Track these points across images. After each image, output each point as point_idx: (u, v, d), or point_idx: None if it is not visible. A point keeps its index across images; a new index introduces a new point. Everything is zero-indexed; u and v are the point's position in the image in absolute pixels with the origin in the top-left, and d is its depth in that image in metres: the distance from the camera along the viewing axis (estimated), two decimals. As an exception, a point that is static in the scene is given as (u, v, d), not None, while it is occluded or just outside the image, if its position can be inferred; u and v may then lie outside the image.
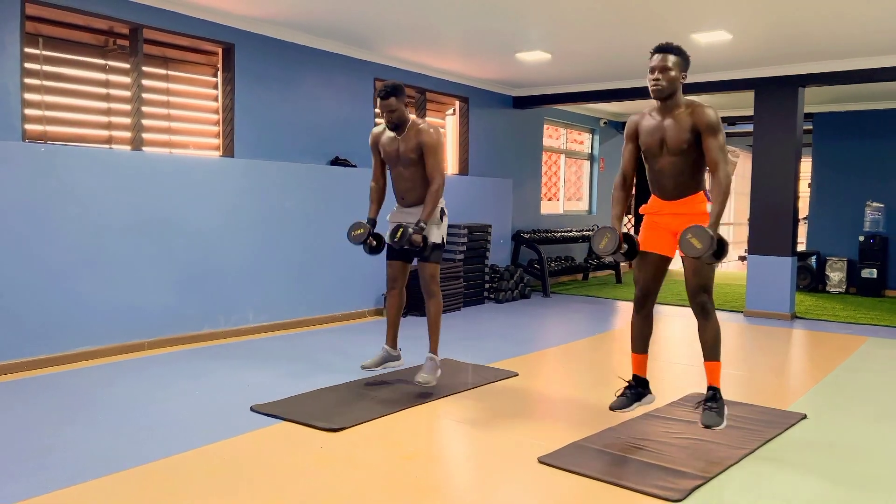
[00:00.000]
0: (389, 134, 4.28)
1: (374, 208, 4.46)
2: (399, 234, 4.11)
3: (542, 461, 3.16)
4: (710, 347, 3.32)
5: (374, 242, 4.35)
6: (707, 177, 3.30)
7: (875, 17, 5.47)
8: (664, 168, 3.30)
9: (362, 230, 4.29)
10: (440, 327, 4.36)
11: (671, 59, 3.21)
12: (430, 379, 4.20)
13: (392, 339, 4.49)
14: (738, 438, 3.46)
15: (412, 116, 4.26)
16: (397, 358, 4.53)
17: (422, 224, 4.14)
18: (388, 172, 4.44)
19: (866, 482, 3.04)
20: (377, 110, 7.11)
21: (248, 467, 3.07)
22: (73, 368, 4.69)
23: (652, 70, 3.22)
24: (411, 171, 4.24)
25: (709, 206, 3.26)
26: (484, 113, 8.79)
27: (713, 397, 3.30)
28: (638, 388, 3.57)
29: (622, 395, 3.54)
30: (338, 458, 3.19)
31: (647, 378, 3.61)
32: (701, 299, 3.27)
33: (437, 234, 4.29)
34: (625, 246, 3.32)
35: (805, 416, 3.94)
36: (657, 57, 3.23)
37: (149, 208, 5.24)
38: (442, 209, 4.31)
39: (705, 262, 3.10)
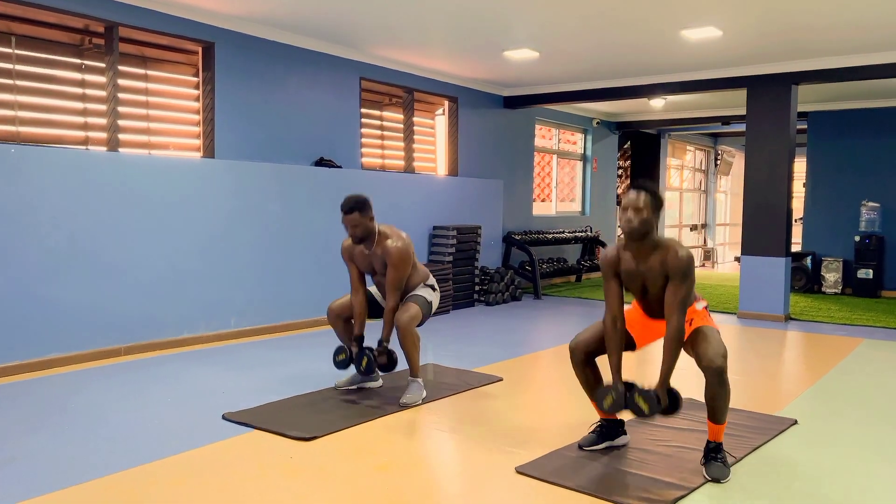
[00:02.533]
0: (360, 246, 4.15)
1: (359, 325, 4.17)
2: (364, 363, 4.06)
3: (519, 471, 3.04)
4: (719, 411, 3.07)
5: (366, 361, 4.10)
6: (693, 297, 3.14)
7: (869, 13, 5.36)
8: (650, 302, 3.22)
9: (343, 355, 4.16)
10: (419, 352, 4.15)
11: (643, 199, 3.05)
12: (416, 399, 4.07)
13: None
14: (726, 445, 3.33)
15: (379, 227, 4.10)
16: (375, 379, 4.39)
17: (384, 345, 4.04)
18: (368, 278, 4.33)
19: (854, 493, 2.91)
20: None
21: (215, 478, 2.95)
22: (44, 375, 4.56)
23: (625, 209, 3.09)
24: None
25: (698, 305, 3.17)
26: (474, 113, 8.68)
27: (717, 448, 3.09)
28: (610, 428, 3.37)
29: (593, 432, 3.35)
30: (307, 469, 3.07)
31: (622, 419, 3.40)
32: (719, 364, 2.96)
33: (429, 293, 4.21)
34: (630, 399, 3.10)
35: (796, 422, 3.82)
36: (631, 195, 3.09)
37: (126, 211, 5.12)
38: (433, 285, 4.28)
39: (655, 418, 3.05)
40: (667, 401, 3.02)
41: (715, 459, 3.05)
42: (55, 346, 4.77)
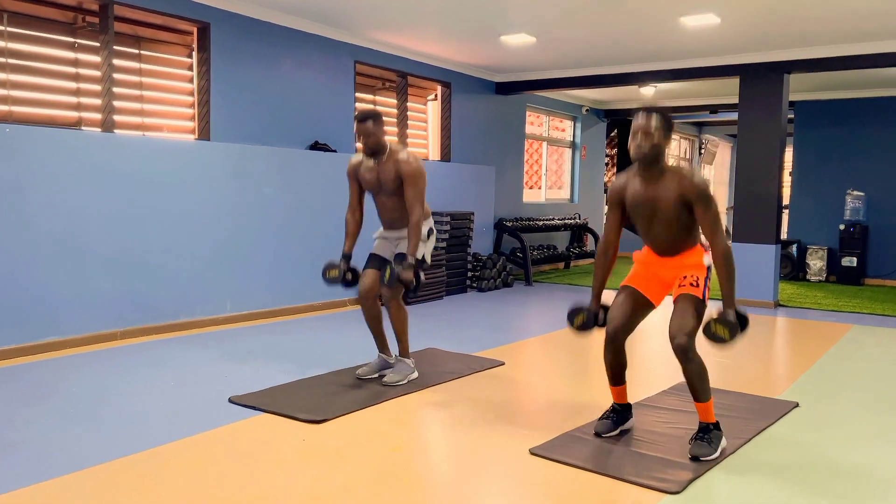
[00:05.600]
0: (368, 163, 4.09)
1: (349, 243, 4.20)
2: (388, 274, 3.95)
3: (533, 452, 3.05)
4: (696, 389, 3.06)
5: (350, 277, 4.14)
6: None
7: (863, 2, 5.41)
8: (658, 234, 3.15)
9: (336, 272, 4.12)
10: (407, 330, 4.16)
11: (654, 122, 3.00)
12: (400, 379, 4.06)
13: (384, 348, 4.27)
14: (732, 428, 3.38)
15: (391, 143, 4.07)
16: (394, 365, 4.37)
17: (410, 260, 3.94)
18: (367, 200, 4.26)
19: (863, 472, 2.97)
20: (357, 105, 6.99)
21: (227, 460, 2.93)
22: (41, 359, 4.49)
23: (634, 133, 3.03)
24: (394, 201, 4.07)
25: (706, 258, 3.13)
26: (466, 98, 8.64)
27: (705, 429, 3.09)
28: (622, 413, 3.37)
29: (606, 418, 3.34)
30: (322, 451, 3.06)
31: (630, 402, 3.42)
32: (679, 341, 2.97)
33: (420, 249, 4.09)
34: (602, 321, 3.27)
35: (797, 405, 3.88)
36: (640, 118, 3.03)
37: (120, 193, 5.03)
38: (430, 228, 4.16)
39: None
40: (738, 323, 2.96)
41: (700, 439, 3.06)
42: (50, 330, 4.69)
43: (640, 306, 3.26)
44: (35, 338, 4.61)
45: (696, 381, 3.04)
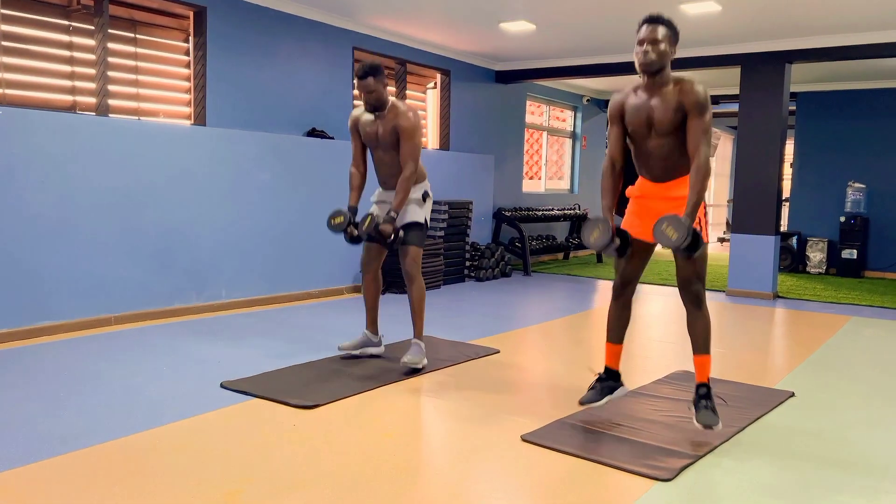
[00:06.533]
0: (369, 116, 4.08)
1: (355, 196, 4.19)
2: (367, 222, 3.92)
3: (525, 439, 3.03)
4: (703, 340, 3.10)
5: (355, 231, 4.09)
6: None
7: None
8: (652, 150, 3.09)
9: (342, 218, 4.05)
10: (424, 312, 4.16)
11: (661, 31, 2.96)
12: (417, 360, 4.03)
13: (372, 323, 4.30)
14: (726, 417, 3.34)
15: (392, 98, 4.06)
16: (378, 344, 4.33)
17: (392, 214, 3.92)
18: (369, 156, 4.24)
19: (858, 462, 2.95)
20: (355, 91, 6.94)
21: (218, 445, 2.91)
22: (33, 344, 4.47)
23: (640, 42, 2.98)
24: (391, 156, 4.04)
25: None
26: (465, 87, 8.59)
27: (707, 395, 3.09)
28: (609, 381, 3.34)
29: (592, 388, 3.33)
30: (313, 436, 3.04)
31: (620, 370, 3.39)
32: (695, 288, 3.04)
33: (419, 214, 4.08)
34: (617, 240, 3.05)
35: (793, 394, 3.85)
36: (646, 28, 2.99)
37: (116, 178, 5.00)
38: (426, 192, 4.13)
39: (681, 255, 2.93)
40: (691, 234, 2.82)
41: (705, 407, 3.04)
42: (43, 315, 4.67)
43: (641, 251, 3.23)
44: (27, 322, 4.59)
45: (702, 330, 3.09)
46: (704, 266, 3.06)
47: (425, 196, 4.13)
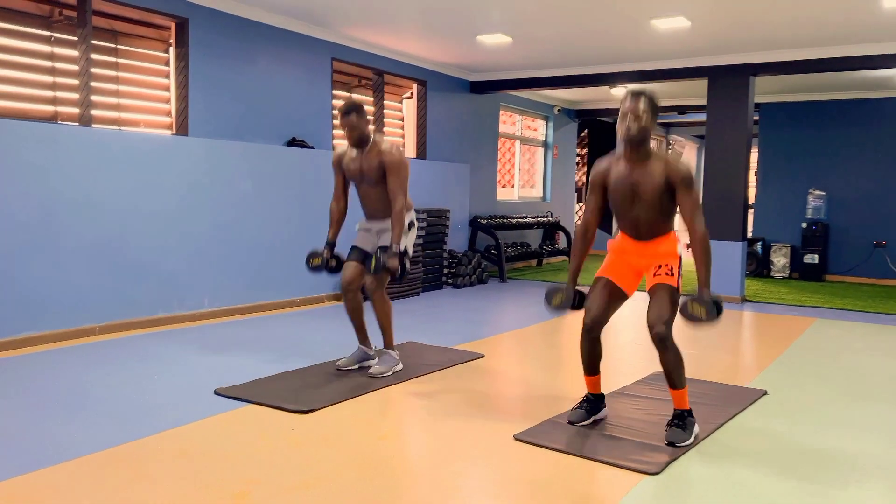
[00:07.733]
0: (351, 153, 4.19)
1: (333, 231, 4.34)
2: (374, 264, 4.01)
3: (517, 438, 3.15)
4: (674, 376, 3.18)
5: (334, 264, 4.25)
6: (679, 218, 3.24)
7: (827, 9, 5.62)
8: (638, 216, 3.22)
9: (318, 260, 4.26)
10: (391, 324, 4.24)
11: (643, 104, 3.10)
12: (385, 370, 4.12)
13: (364, 340, 4.36)
14: (704, 415, 3.52)
15: (375, 136, 4.17)
16: (373, 357, 4.41)
17: (394, 248, 4.01)
18: (352, 190, 4.34)
19: (831, 454, 3.12)
20: (335, 101, 7.03)
21: (218, 450, 2.97)
22: (17, 355, 4.46)
23: (624, 114, 3.12)
24: (377, 191, 4.15)
25: (679, 247, 3.25)
26: (441, 97, 8.73)
27: (680, 416, 3.20)
28: (595, 402, 3.46)
29: (580, 407, 3.43)
30: (311, 439, 3.11)
31: (603, 392, 3.51)
32: (659, 330, 3.08)
33: (403, 241, 4.14)
34: (578, 302, 3.37)
35: (766, 393, 4.04)
36: (630, 101, 3.11)
37: (97, 188, 5.01)
38: (412, 221, 4.23)
39: (712, 322, 3.11)
40: (714, 305, 3.04)
41: (675, 425, 3.17)
42: (26, 325, 4.66)
43: (615, 297, 3.36)
44: (10, 333, 4.57)
45: (672, 369, 3.16)
46: (673, 310, 3.15)
47: (410, 225, 4.25)
